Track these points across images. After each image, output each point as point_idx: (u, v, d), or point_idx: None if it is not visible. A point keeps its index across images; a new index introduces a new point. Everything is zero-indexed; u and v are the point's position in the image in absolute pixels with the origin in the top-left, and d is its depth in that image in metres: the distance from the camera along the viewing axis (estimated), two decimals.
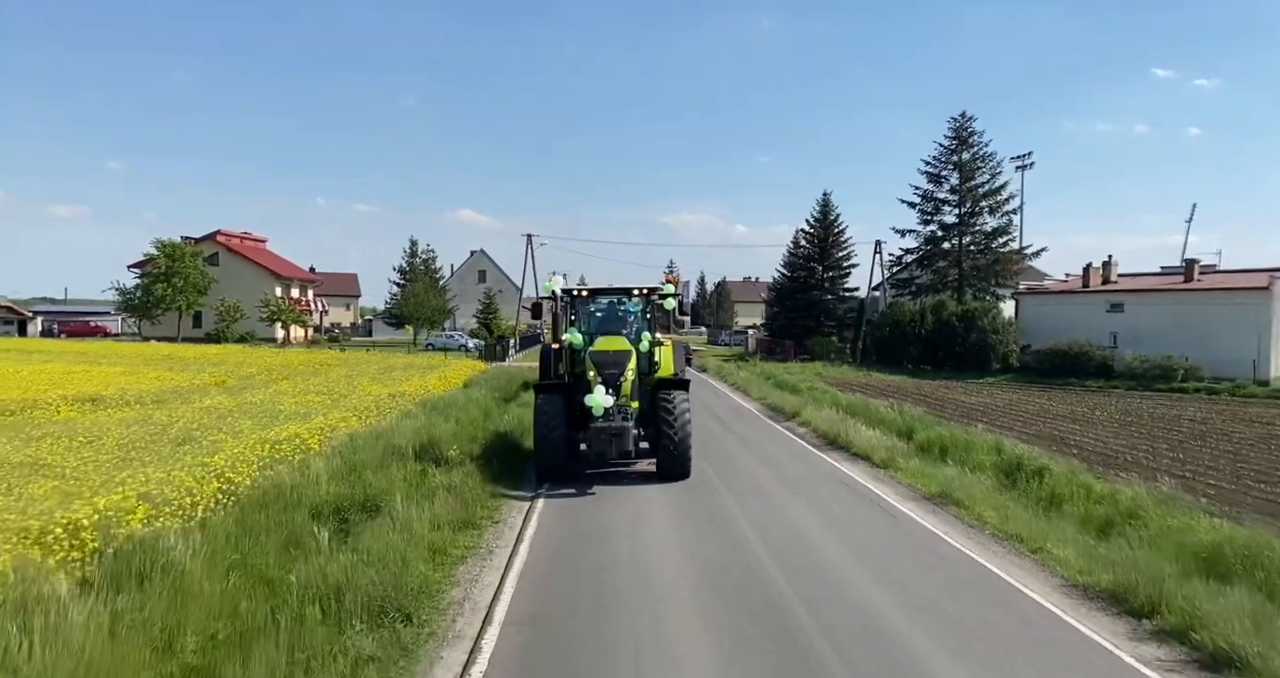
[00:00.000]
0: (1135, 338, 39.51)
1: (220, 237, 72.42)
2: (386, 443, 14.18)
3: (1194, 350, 36.66)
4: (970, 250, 53.32)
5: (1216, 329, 36.66)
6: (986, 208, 53.32)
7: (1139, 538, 10.16)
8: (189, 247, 66.89)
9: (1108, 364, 38.72)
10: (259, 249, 77.38)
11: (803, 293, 59.40)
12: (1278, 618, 7.24)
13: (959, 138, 53.80)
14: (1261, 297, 35.99)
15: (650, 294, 15.74)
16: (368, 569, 7.66)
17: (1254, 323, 35.89)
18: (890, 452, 15.92)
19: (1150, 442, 21.34)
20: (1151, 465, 17.06)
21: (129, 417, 17.97)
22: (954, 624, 7.47)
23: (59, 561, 7.18)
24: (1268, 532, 10.05)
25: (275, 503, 10.03)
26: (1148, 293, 41.47)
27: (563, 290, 15.93)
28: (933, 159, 54.20)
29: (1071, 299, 44.46)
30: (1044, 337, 43.06)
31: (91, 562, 7.52)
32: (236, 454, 11.69)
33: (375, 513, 10.10)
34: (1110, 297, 42.60)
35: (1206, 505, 11.60)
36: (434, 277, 72.51)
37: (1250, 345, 35.72)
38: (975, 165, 53.55)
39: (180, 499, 9.34)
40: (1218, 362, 35.96)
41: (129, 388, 24.83)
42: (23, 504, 8.52)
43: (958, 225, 53.55)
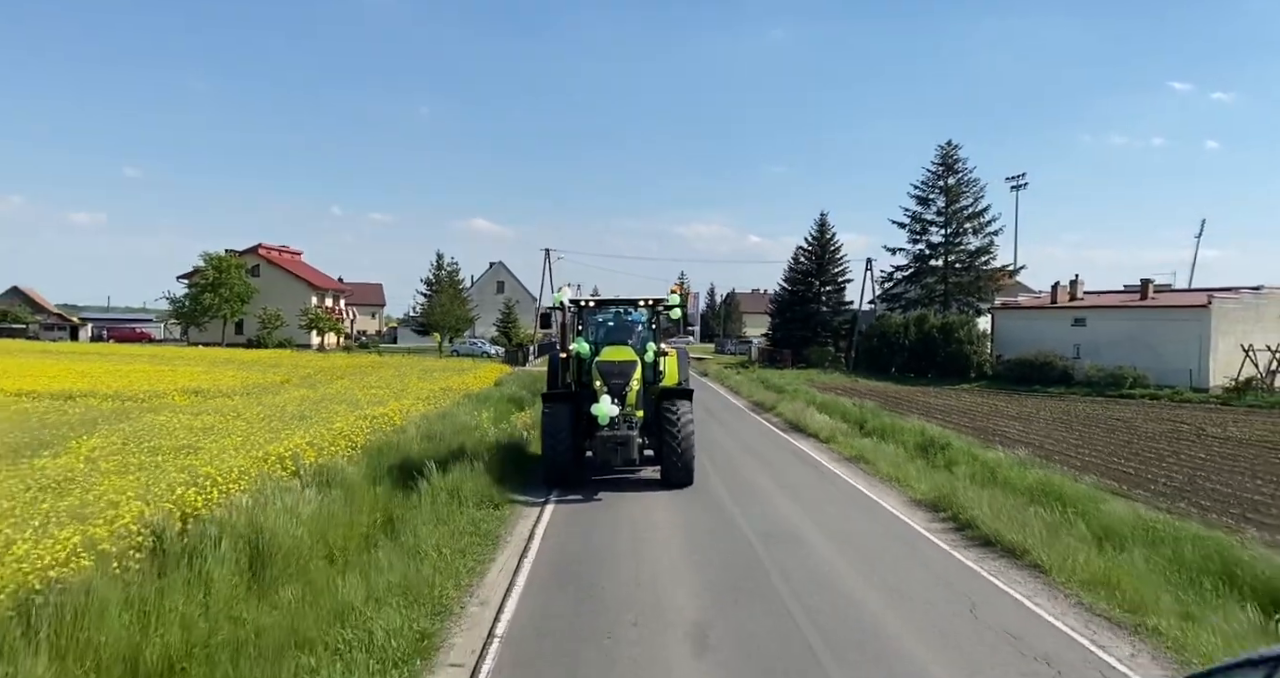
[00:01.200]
0: (1095, 349, 43.76)
1: (261, 250, 77.84)
2: (451, 420, 18.93)
3: (1145, 361, 40.86)
4: (955, 268, 57.76)
5: (1163, 342, 40.90)
6: (970, 229, 57.85)
7: (985, 481, 14.69)
8: (234, 259, 72.23)
9: (1069, 373, 42.97)
10: (296, 261, 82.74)
11: (800, 306, 63.94)
12: (1022, 512, 11.78)
13: (945, 164, 58.39)
14: (1201, 313, 40.22)
15: (656, 305, 16.06)
16: (467, 481, 12.38)
17: (1195, 336, 40.11)
18: (833, 432, 20.54)
19: (1065, 433, 25.76)
20: (1049, 448, 21.50)
21: (239, 403, 22.80)
22: (832, 519, 12.09)
23: (286, 473, 11.93)
24: (1082, 483, 14.56)
25: (390, 452, 14.77)
26: (1106, 309, 45.76)
27: (570, 301, 16.14)
28: (921, 183, 58.86)
29: (1040, 314, 48.81)
30: (1016, 348, 47.39)
31: (296, 475, 12.23)
32: (346, 425, 16.48)
33: (459, 459, 14.79)
34: (1074, 312, 46.91)
35: (1053, 468, 16.14)
36: (458, 288, 77.51)
37: (1191, 356, 39.91)
38: (960, 189, 58.10)
39: (327, 447, 14.10)
40: (1164, 371, 40.15)
41: (218, 383, 29.73)
42: (236, 447, 13.29)
43: (943, 245, 58.05)
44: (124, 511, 8.70)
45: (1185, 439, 24.95)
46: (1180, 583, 8.74)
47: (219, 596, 7.82)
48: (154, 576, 7.83)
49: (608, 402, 13.80)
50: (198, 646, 6.93)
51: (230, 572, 8.26)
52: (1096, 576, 8.85)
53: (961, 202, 57.89)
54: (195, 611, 7.37)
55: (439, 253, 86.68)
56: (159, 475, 10.94)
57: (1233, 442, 24.26)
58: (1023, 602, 8.54)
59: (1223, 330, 40.31)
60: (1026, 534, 10.38)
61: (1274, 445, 23.32)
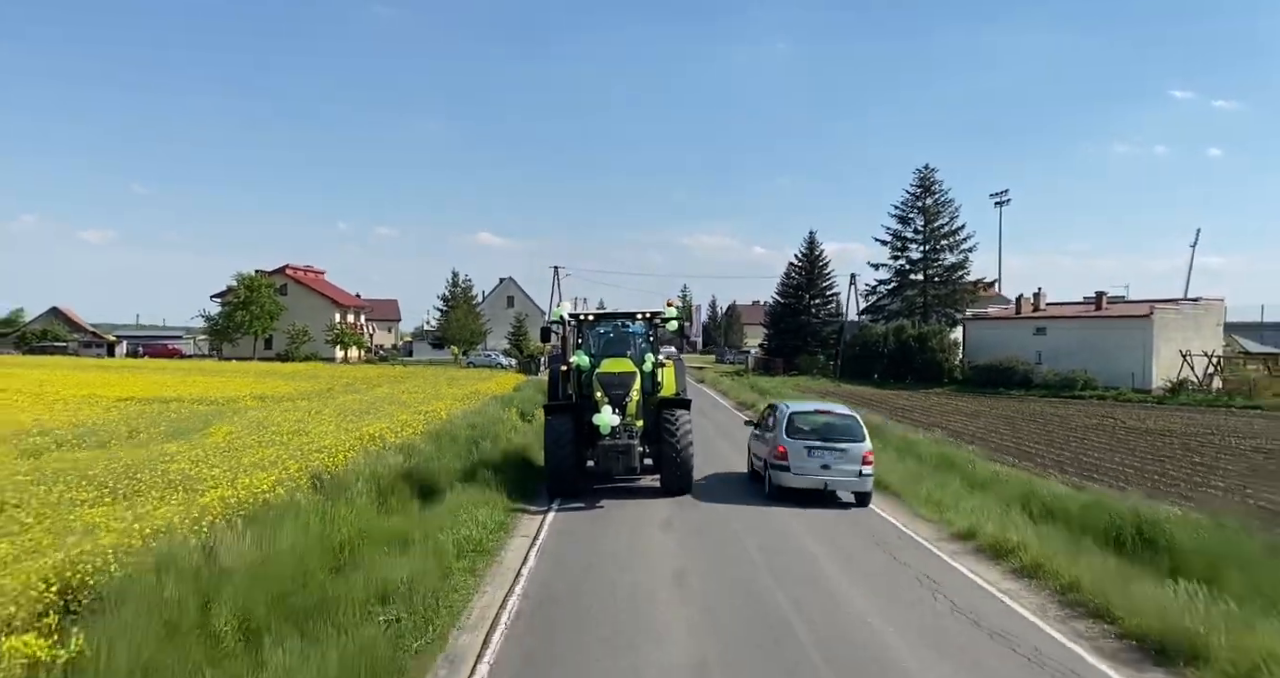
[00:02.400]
0: (1054, 355, 48.04)
1: (289, 270, 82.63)
2: (484, 414, 23.44)
3: (1097, 365, 45.14)
4: (933, 281, 62.18)
5: (1112, 348, 45.19)
6: (946, 245, 62.30)
7: (904, 453, 19.06)
8: (263, 279, 77.01)
9: (1029, 377, 47.25)
10: (320, 280, 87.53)
11: (792, 318, 68.40)
12: (916, 469, 16.19)
13: (923, 186, 62.92)
14: (1145, 323, 44.54)
15: (653, 318, 16.39)
16: (507, 446, 16.90)
17: (1139, 343, 44.41)
18: None
19: (1002, 425, 30.12)
20: (979, 436, 25.85)
21: (311, 403, 27.30)
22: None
23: (377, 447, 16.43)
24: (980, 456, 18.96)
25: (445, 433, 19.26)
26: (1063, 319, 50.11)
27: (570, 315, 16.58)
28: (901, 204, 63.39)
29: (1006, 324, 53.19)
30: (985, 354, 51.69)
31: (384, 448, 16.70)
32: (407, 417, 20.97)
33: (495, 440, 19.26)
34: (1036, 322, 51.27)
35: (970, 448, 20.55)
36: (472, 304, 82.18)
37: (1136, 361, 44.19)
38: (937, 209, 62.60)
39: (399, 432, 18.59)
40: (1113, 374, 44.41)
41: (276, 390, 34.26)
42: (332, 432, 17.79)
43: (922, 260, 62.51)
44: (287, 466, 13.21)
45: (1102, 430, 29.25)
46: (991, 505, 13.13)
47: (360, 511, 12.26)
48: (322, 500, 12.30)
49: (609, 412, 14.08)
50: (354, 536, 11.36)
51: (366, 500, 12.72)
52: (928, 498, 13.33)
53: (938, 221, 62.37)
54: (351, 518, 11.82)
55: (454, 271, 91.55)
56: (290, 448, 15.44)
57: (1139, 431, 28.58)
58: (883, 515, 13.00)
59: (1165, 338, 44.59)
60: (903, 481, 14.82)
61: (1169, 433, 27.65)
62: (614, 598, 8.69)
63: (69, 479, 11.66)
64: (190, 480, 12.16)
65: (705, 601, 8.62)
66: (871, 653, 7.22)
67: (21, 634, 6.10)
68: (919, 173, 63.03)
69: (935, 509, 12.98)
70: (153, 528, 8.89)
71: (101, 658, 6.01)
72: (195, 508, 10.17)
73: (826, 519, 12.69)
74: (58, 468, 12.71)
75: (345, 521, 11.48)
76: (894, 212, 63.44)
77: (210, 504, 10.43)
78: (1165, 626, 7.35)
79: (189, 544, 8.95)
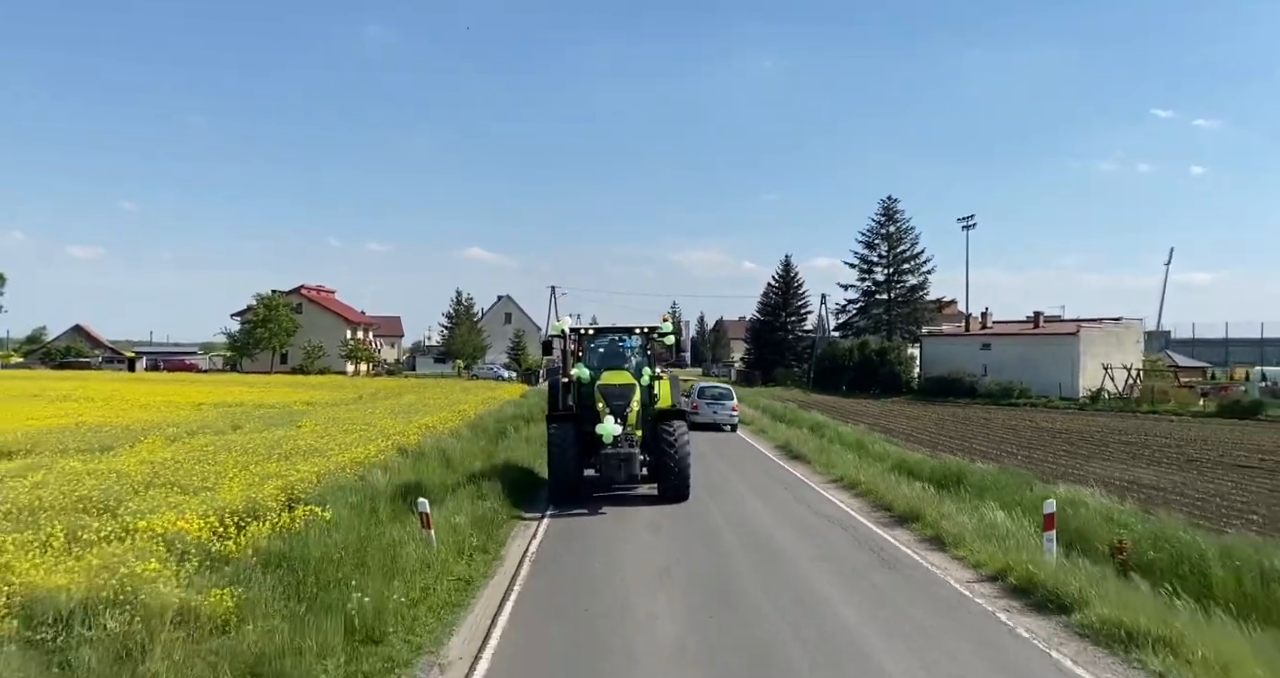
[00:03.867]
0: (998, 368, 54.09)
1: (304, 290, 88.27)
2: (505, 412, 29.22)
3: (1032, 377, 51.17)
4: (896, 301, 68.39)
5: (1045, 362, 51.28)
6: (908, 269, 68.60)
7: (834, 441, 24.83)
8: (281, 299, 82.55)
9: (974, 387, 53.25)
10: (331, 299, 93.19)
11: (769, 333, 74.53)
12: (829, 448, 21.97)
13: (887, 214, 69.37)
14: (1072, 340, 50.68)
15: (650, 332, 16.96)
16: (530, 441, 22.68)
17: (1068, 357, 50.51)
18: (765, 426, 30.73)
19: (932, 425, 35.95)
20: (903, 432, 31.64)
21: (362, 406, 32.92)
22: (730, 452, 22.32)
23: (434, 433, 22.18)
24: (895, 443, 24.77)
25: (478, 425, 25.02)
26: (1005, 336, 56.27)
27: (570, 329, 17.18)
28: (867, 231, 69.78)
29: (957, 340, 59.33)
30: (939, 367, 57.74)
31: (437, 435, 22.42)
32: (445, 415, 26.71)
33: (518, 431, 24.97)
34: (982, 338, 57.43)
35: (888, 438, 26.37)
36: (473, 321, 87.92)
37: (1065, 373, 50.26)
38: (900, 236, 68.95)
39: (443, 425, 24.33)
40: (1046, 385, 50.44)
41: (315, 398, 39.81)
42: (396, 424, 23.54)
43: (885, 283, 68.76)
44: (378, 443, 18.95)
45: (1009, 428, 35.11)
46: (866, 466, 18.89)
47: (434, 469, 17.98)
48: (411, 460, 18.03)
49: (611, 422, 14.69)
50: (433, 484, 17.08)
51: (437, 462, 18.46)
52: (827, 462, 19.21)
53: (901, 246, 68.72)
54: (432, 472, 17.52)
55: (458, 290, 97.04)
56: (370, 434, 21.12)
57: (1038, 429, 34.48)
58: (791, 471, 18.88)
59: (1091, 353, 50.71)
60: (814, 453, 20.70)
61: (1060, 431, 33.54)
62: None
63: (233, 452, 17.32)
64: (316, 451, 17.91)
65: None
66: (757, 530, 12.94)
67: (277, 513, 11.73)
68: (883, 203, 69.63)
69: (827, 467, 18.84)
70: (315, 473, 14.56)
71: (318, 519, 11.62)
72: (333, 464, 15.88)
73: (730, 451, 18.47)
74: (212, 446, 18.27)
75: (432, 468, 17.26)
76: (860, 238, 69.94)
77: (342, 462, 16.16)
78: (910, 508, 13.20)
79: (349, 477, 14.69)
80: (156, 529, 9.12)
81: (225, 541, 9.68)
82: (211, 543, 9.50)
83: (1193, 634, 7.07)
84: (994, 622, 8.23)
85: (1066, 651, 7.39)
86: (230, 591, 8.21)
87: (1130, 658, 7.07)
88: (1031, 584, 8.99)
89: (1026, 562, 9.45)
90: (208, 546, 9.41)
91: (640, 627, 7.82)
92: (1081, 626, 7.84)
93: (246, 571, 9.03)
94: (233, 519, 10.44)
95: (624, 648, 7.27)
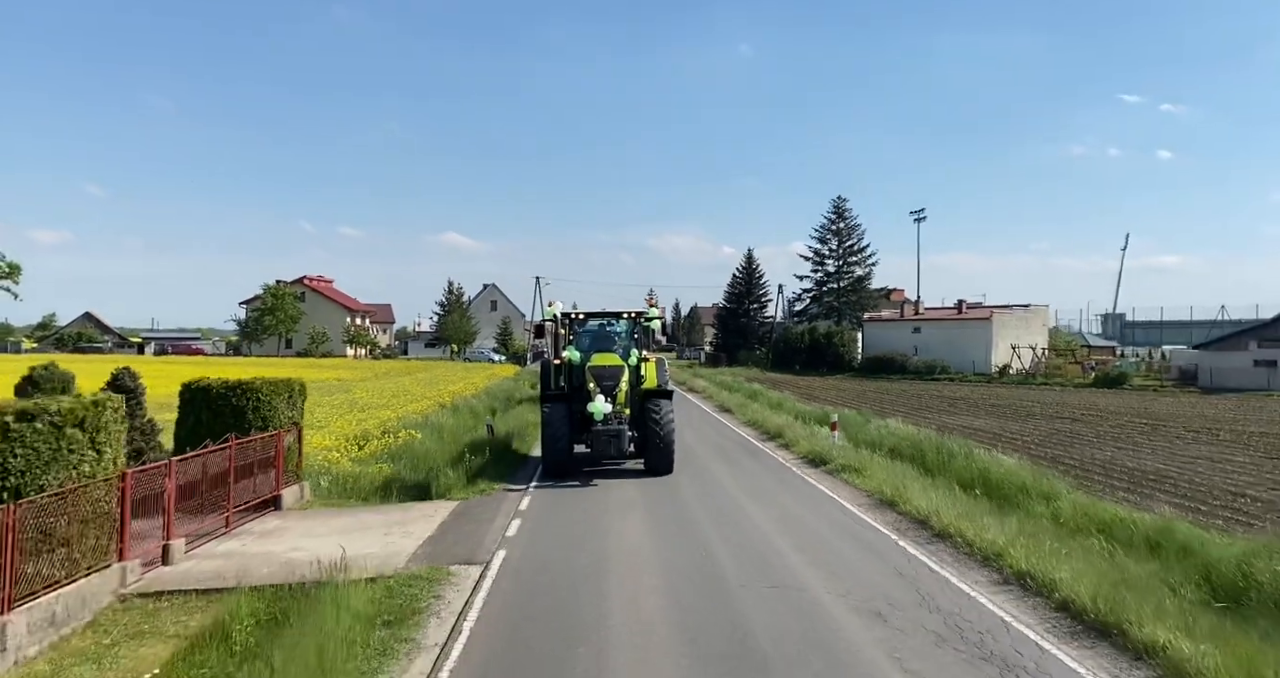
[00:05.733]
0: (927, 348, 62.26)
1: (306, 280, 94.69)
2: (511, 384, 36.84)
3: (954, 356, 59.35)
4: (845, 290, 76.37)
5: (965, 343, 59.50)
6: (856, 261, 76.53)
7: (768, 404, 32.65)
8: (286, 288, 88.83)
9: (904, 365, 61.39)
10: (331, 288, 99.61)
11: (734, 320, 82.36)
12: (749, 405, 29.76)
13: (837, 212, 77.09)
14: (986, 324, 58.98)
15: (637, 317, 17.77)
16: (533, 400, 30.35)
17: (983, 339, 58.78)
18: (712, 392, 38.56)
19: (854, 396, 43.89)
20: (826, 398, 39.51)
21: (383, 382, 40.31)
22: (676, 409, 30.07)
23: (465, 395, 29.75)
24: (815, 404, 32.64)
25: (491, 392, 32.61)
26: (933, 320, 64.55)
27: (562, 313, 17.75)
28: (819, 227, 77.45)
29: (892, 325, 67.54)
30: (878, 349, 65.80)
31: (464, 398, 29.94)
32: (462, 386, 34.29)
33: (519, 400, 32.54)
34: (913, 323, 65.67)
35: (804, 400, 34.29)
36: (464, 308, 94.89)
37: (981, 352, 58.52)
38: (848, 231, 76.78)
39: (468, 392, 31.91)
40: (965, 362, 58.65)
41: (343, 377, 47.05)
42: (429, 392, 31.07)
43: (835, 274, 76.70)
44: (422, 402, 26.52)
45: (916, 395, 43.09)
46: (773, 415, 26.65)
47: (470, 415, 25.48)
48: (449, 413, 25.56)
49: (601, 401, 15.43)
50: (471, 424, 24.63)
51: (468, 413, 25.97)
52: (749, 414, 27.05)
53: (849, 240, 76.60)
54: (469, 416, 25.02)
55: (450, 280, 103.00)
56: (413, 396, 28.63)
57: (940, 396, 42.50)
58: (719, 418, 26.68)
59: (1002, 335, 58.99)
60: (737, 409, 28.55)
61: (958, 398, 41.54)
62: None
63: (322, 408, 24.72)
64: (382, 405, 25.50)
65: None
66: (688, 447, 20.44)
67: (379, 437, 19.05)
68: (834, 202, 77.29)
69: (744, 414, 26.61)
70: (394, 417, 22.04)
71: (413, 439, 19.03)
72: (401, 413, 23.38)
73: (680, 410, 26.23)
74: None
75: (470, 413, 24.78)
76: (813, 234, 77.69)
77: (405, 412, 23.68)
78: (778, 430, 21.00)
79: (417, 419, 22.25)
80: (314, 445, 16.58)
81: (360, 449, 17.18)
82: (350, 450, 16.95)
83: (872, 467, 14.88)
84: (791, 472, 16.20)
85: (813, 476, 15.32)
86: (383, 466, 15.80)
87: (838, 476, 15.07)
88: (817, 457, 16.89)
89: (821, 450, 17.28)
90: (349, 452, 16.84)
91: (610, 489, 15.31)
92: (827, 468, 15.89)
93: (384, 459, 16.56)
94: (355, 442, 17.90)
95: (600, 497, 14.79)
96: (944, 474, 14.49)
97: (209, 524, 11.21)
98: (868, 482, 14.12)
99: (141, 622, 8.26)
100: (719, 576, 8.87)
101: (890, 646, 6.79)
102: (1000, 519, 10.83)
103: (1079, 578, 7.84)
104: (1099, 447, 21.46)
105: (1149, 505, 11.84)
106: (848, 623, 7.36)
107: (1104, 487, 14.27)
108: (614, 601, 8.08)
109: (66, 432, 8.35)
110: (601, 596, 8.24)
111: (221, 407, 13.12)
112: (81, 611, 8.18)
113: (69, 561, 8.03)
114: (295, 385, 14.41)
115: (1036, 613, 7.68)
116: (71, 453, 8.37)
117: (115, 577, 8.85)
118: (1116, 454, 19.71)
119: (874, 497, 13.36)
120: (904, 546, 10.23)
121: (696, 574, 8.93)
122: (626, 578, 8.85)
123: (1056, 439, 23.42)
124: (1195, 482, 15.36)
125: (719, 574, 8.92)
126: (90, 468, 8.60)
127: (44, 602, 7.60)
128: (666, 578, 8.80)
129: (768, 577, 8.85)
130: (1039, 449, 20.31)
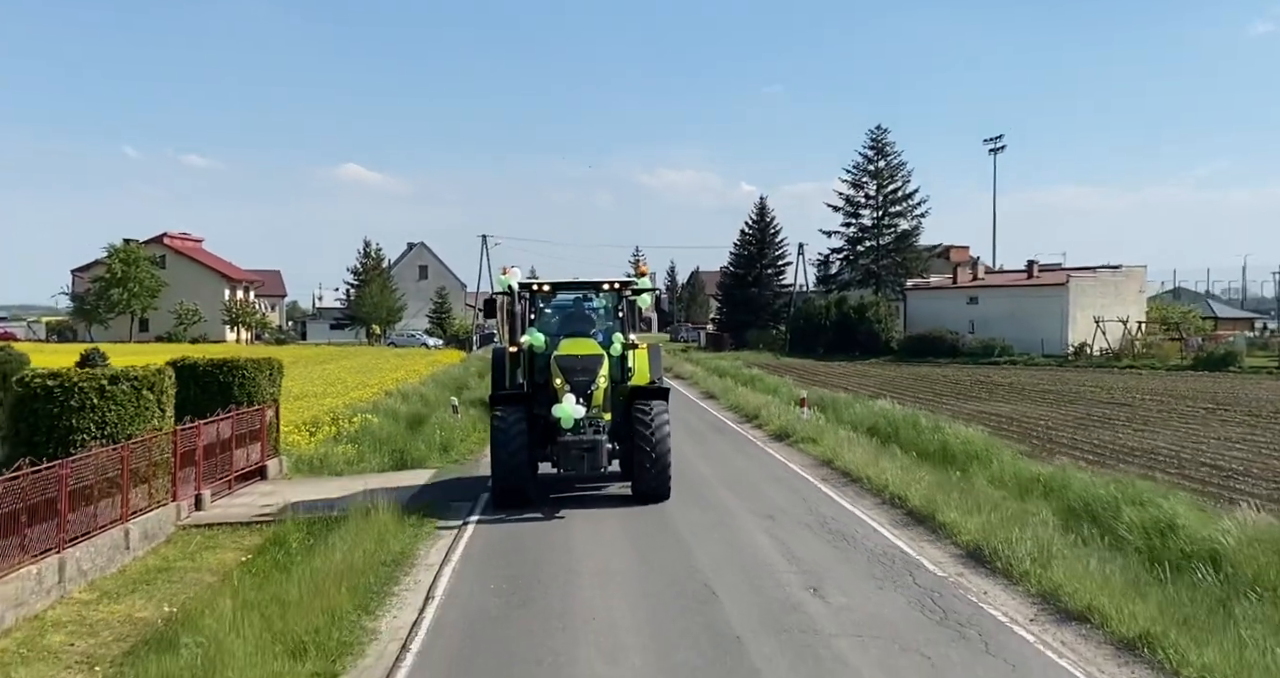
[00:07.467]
0: (986, 323, 69.55)
1: (167, 239, 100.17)
2: (455, 371, 43.99)
3: (1020, 332, 66.59)
4: (886, 249, 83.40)
5: (1034, 316, 66.75)
6: (900, 212, 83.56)
7: (763, 391, 39.92)
8: (140, 250, 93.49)
9: (955, 346, 68.63)
10: (201, 250, 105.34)
11: (742, 290, 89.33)
12: (736, 390, 37.02)
13: (876, 147, 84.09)
14: (1060, 291, 66.31)
15: (622, 288, 17.95)
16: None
17: (1057, 310, 66.08)
18: (700, 378, 45.90)
19: (885, 383, 51.17)
20: (842, 387, 46.74)
21: (305, 369, 47.30)
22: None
23: (413, 381, 36.91)
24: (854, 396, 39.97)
25: (437, 379, 39.74)
26: (993, 288, 71.89)
27: (520, 285, 17.92)
28: (853, 167, 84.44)
29: (943, 294, 74.89)
30: (924, 324, 73.09)
31: (410, 386, 37.04)
32: (401, 375, 41.39)
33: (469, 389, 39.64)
34: (969, 291, 73.03)
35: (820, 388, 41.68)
36: (386, 278, 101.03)
37: (1054, 328, 65.75)
38: (890, 173, 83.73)
39: (409, 379, 39.04)
40: (1033, 341, 65.86)
41: None
42: (367, 381, 38.21)
43: (874, 227, 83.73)
44: (364, 391, 33.68)
45: (961, 384, 50.29)
46: (759, 400, 33.88)
47: (421, 402, 32.57)
48: (399, 400, 32.66)
49: (571, 402, 15.74)
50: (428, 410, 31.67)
51: (418, 400, 33.09)
52: (733, 400, 34.40)
53: (891, 185, 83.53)
54: (420, 403, 32.12)
55: (366, 240, 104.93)
56: (348, 387, 35.73)
57: (986, 382, 49.73)
58: (702, 405, 33.99)
59: (1081, 305, 66.26)
60: (722, 395, 35.93)
61: (1002, 385, 48.79)
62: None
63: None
64: (323, 394, 32.52)
65: None
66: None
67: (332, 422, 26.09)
68: (871, 133, 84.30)
69: (727, 399, 33.88)
70: (341, 404, 29.07)
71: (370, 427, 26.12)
72: (346, 400, 30.48)
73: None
74: None
75: (420, 401, 31.96)
76: (846, 176, 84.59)
77: (351, 399, 30.79)
78: (755, 412, 28.31)
79: (366, 405, 29.41)
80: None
81: (314, 434, 24.20)
82: (303, 437, 23.92)
83: (830, 438, 22.10)
84: (757, 446, 23.49)
85: (776, 449, 22.61)
86: (348, 447, 22.89)
87: (796, 447, 22.36)
88: (784, 432, 24.13)
89: (789, 425, 24.52)
90: (303, 438, 23.80)
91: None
92: (790, 441, 23.20)
93: (343, 442, 23.61)
94: (305, 428, 24.87)
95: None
96: (912, 448, 21.58)
97: (214, 487, 18.08)
98: (818, 449, 21.43)
99: (205, 542, 15.18)
100: (664, 508, 15.95)
101: (769, 529, 13.96)
102: (919, 473, 17.89)
103: (929, 495, 15.01)
104: (1117, 430, 28.39)
105: (1114, 474, 18.84)
106: (746, 522, 14.52)
107: (1098, 464, 21.08)
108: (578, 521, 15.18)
109: (143, 393, 15.20)
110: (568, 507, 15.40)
111: (209, 383, 19.93)
112: (159, 532, 15.11)
113: (149, 494, 14.92)
114: (275, 363, 21.35)
115: (888, 516, 14.84)
116: (147, 410, 15.23)
117: (172, 512, 15.77)
118: (1130, 437, 26.63)
119: (819, 460, 20.65)
120: (818, 485, 17.58)
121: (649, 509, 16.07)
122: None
123: (1080, 424, 30.47)
124: (1187, 459, 22.04)
125: (664, 507, 16.01)
126: (159, 423, 15.47)
127: (141, 519, 14.50)
128: (622, 523, 15.88)
129: (700, 501, 15.95)
130: (1049, 432, 27.40)
